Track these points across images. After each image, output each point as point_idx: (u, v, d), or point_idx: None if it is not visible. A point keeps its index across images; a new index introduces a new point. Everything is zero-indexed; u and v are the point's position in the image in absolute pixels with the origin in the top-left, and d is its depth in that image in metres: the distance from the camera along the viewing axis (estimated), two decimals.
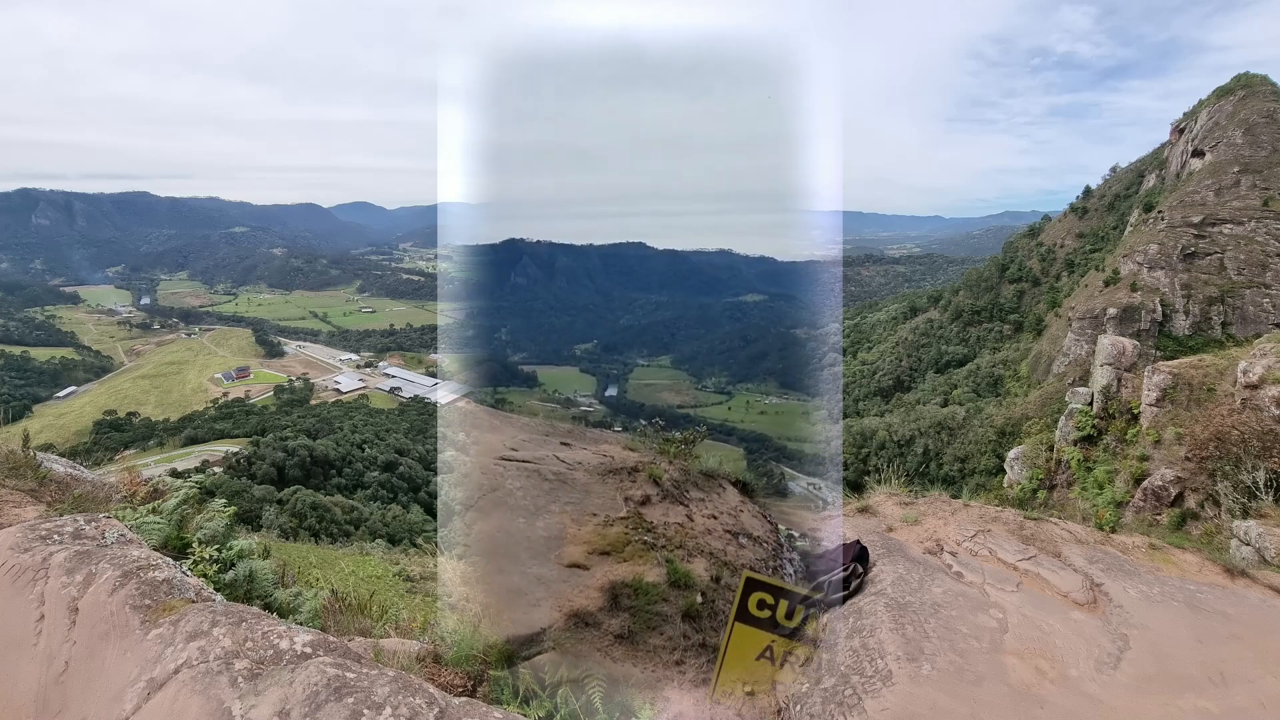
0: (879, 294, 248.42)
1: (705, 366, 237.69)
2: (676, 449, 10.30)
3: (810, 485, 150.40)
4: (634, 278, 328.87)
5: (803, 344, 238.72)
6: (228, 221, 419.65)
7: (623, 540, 7.41)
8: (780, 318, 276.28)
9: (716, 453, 11.76)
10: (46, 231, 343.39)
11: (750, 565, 8.54)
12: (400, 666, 4.55)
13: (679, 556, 7.50)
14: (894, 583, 6.33)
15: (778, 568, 9.20)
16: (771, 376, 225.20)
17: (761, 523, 9.78)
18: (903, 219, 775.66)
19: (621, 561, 7.02)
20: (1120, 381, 23.85)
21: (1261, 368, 15.07)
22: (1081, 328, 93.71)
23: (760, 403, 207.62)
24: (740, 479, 10.63)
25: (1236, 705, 4.87)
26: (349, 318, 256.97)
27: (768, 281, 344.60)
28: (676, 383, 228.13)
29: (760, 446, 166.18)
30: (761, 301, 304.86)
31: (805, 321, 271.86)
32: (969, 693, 4.74)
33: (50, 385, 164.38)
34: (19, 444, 7.18)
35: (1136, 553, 7.59)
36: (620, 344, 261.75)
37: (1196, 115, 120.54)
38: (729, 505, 9.62)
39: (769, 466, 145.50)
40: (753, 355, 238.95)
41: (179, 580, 4.20)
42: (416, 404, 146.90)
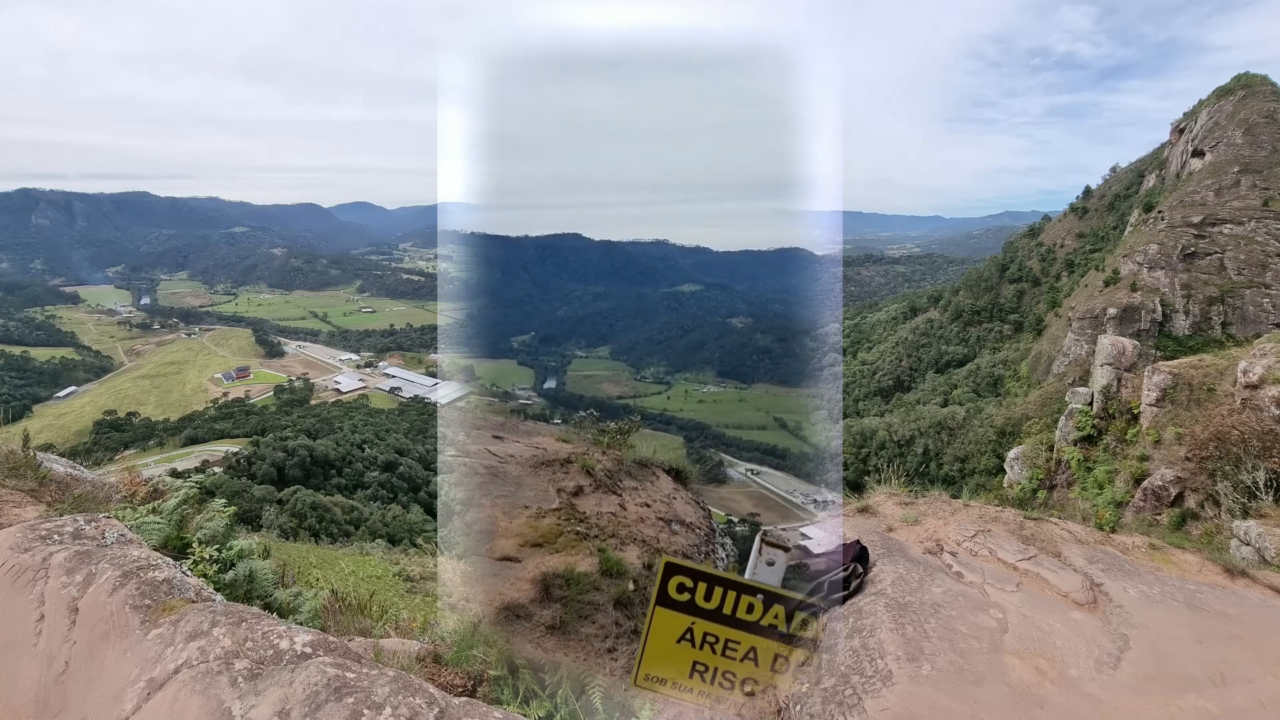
0: (879, 294, 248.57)
1: (644, 357, 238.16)
2: (611, 439, 10.35)
3: (749, 472, 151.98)
4: (570, 269, 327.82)
5: (740, 332, 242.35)
6: (228, 221, 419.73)
7: (555, 531, 7.45)
8: (716, 307, 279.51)
9: (654, 442, 11.87)
10: (46, 231, 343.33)
11: (683, 551, 8.62)
12: (400, 666, 4.55)
13: (612, 545, 7.55)
14: (894, 583, 6.34)
15: (710, 552, 9.26)
16: (709, 365, 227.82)
17: (694, 509, 9.86)
18: (903, 219, 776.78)
19: (554, 553, 7.06)
20: (1120, 381, 23.85)
21: (1261, 368, 15.07)
22: (1081, 328, 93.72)
23: (699, 391, 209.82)
24: (674, 467, 10.71)
25: (1236, 705, 4.87)
26: (349, 318, 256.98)
27: (704, 271, 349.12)
28: (615, 373, 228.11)
29: (699, 434, 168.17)
30: (698, 291, 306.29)
31: (741, 310, 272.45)
32: (969, 693, 4.74)
33: (50, 385, 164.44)
34: (19, 444, 7.18)
35: (1136, 553, 7.59)
36: (558, 336, 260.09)
37: (1196, 115, 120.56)
38: (662, 493, 9.70)
39: (708, 454, 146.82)
40: (690, 345, 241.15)
41: (179, 580, 4.20)
42: (416, 404, 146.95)
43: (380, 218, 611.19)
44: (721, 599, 3.48)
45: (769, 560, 3.58)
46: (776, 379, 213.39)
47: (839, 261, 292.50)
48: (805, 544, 31.45)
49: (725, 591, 3.47)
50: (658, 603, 3.47)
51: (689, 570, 3.43)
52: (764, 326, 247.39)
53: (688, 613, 3.49)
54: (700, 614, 3.48)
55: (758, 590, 3.49)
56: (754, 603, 3.48)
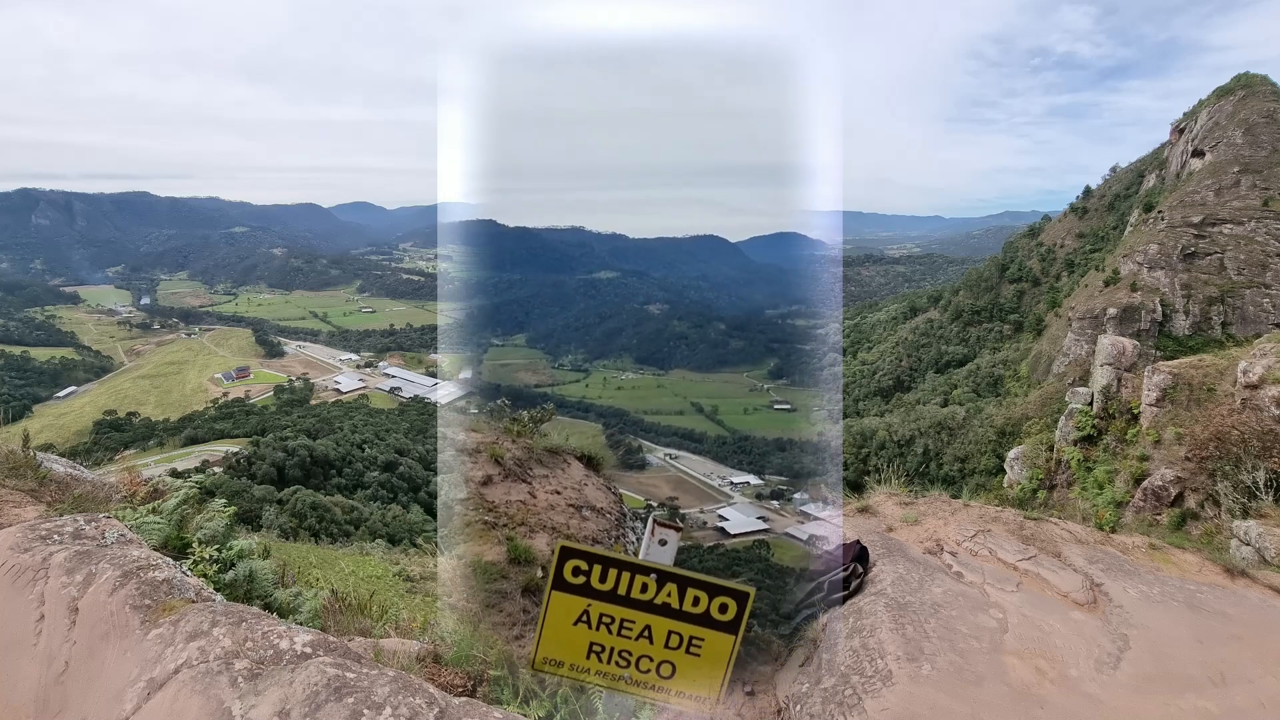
0: (879, 294, 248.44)
1: (561, 345, 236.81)
2: (522, 428, 10.36)
3: (667, 456, 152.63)
4: (485, 257, 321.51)
5: (657, 319, 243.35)
6: (228, 221, 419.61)
7: (462, 522, 7.49)
8: (633, 294, 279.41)
9: (572, 430, 11.91)
10: (46, 231, 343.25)
11: (593, 536, 8.68)
12: (400, 666, 4.55)
13: (520, 534, 7.58)
14: (894, 583, 6.34)
15: (621, 536, 9.30)
16: (627, 352, 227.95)
17: (606, 494, 9.91)
18: (903, 219, 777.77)
19: (460, 543, 7.09)
20: (1120, 381, 23.85)
21: (1261, 368, 15.07)
22: (1081, 328, 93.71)
23: (617, 378, 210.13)
24: (586, 454, 10.72)
25: (1236, 705, 4.87)
26: (349, 318, 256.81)
27: (620, 258, 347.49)
28: (532, 362, 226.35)
29: (618, 421, 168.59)
30: (615, 278, 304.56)
31: (658, 297, 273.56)
32: (969, 693, 4.74)
33: (50, 385, 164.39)
34: (19, 444, 7.18)
35: (1136, 553, 7.59)
36: (473, 324, 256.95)
37: (1196, 115, 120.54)
38: (573, 480, 9.75)
39: (626, 440, 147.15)
40: (608, 332, 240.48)
41: (179, 580, 4.20)
42: (416, 404, 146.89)
43: (380, 218, 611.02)
44: (616, 580, 3.56)
45: (661, 540, 3.66)
46: (693, 365, 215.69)
47: (839, 261, 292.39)
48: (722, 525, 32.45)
49: (620, 573, 3.55)
50: (554, 587, 3.56)
51: (584, 553, 3.51)
52: (681, 313, 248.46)
53: (583, 595, 3.58)
54: (595, 596, 3.58)
55: (651, 570, 3.57)
56: (648, 582, 3.57)
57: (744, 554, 78.50)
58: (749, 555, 76.97)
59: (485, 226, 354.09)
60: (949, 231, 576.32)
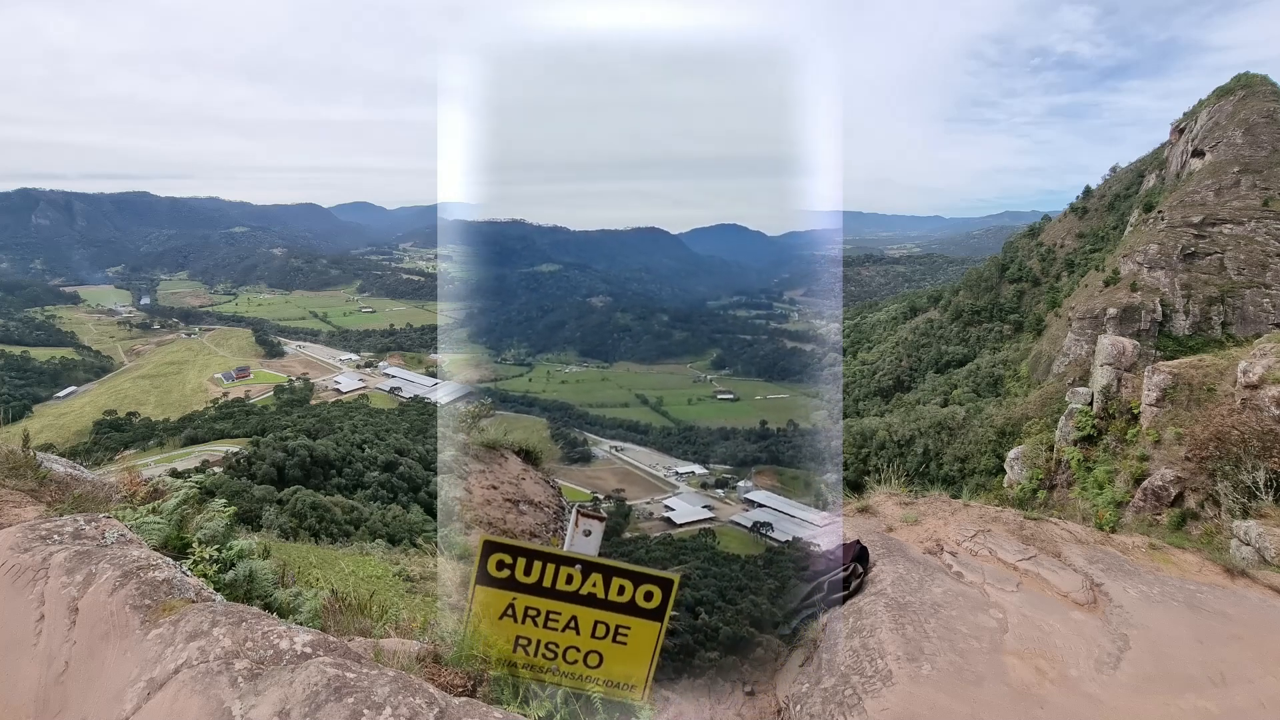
0: (879, 294, 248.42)
1: (503, 339, 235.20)
2: (459, 424, 10.35)
3: (613, 449, 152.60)
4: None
5: (600, 311, 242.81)
6: (228, 221, 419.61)
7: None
8: (576, 287, 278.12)
9: (517, 425, 11.88)
10: (46, 231, 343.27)
11: (530, 530, 8.70)
12: (400, 666, 4.55)
13: (456, 530, 7.56)
14: (894, 583, 6.33)
15: (558, 529, 9.31)
16: (571, 345, 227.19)
17: (544, 488, 9.93)
18: (903, 219, 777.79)
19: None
20: (1120, 381, 23.85)
21: (1261, 368, 15.07)
22: (1081, 328, 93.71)
23: (561, 372, 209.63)
24: (524, 448, 10.70)
25: (1236, 705, 4.87)
26: (349, 318, 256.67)
27: (561, 251, 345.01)
28: (474, 357, 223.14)
29: (563, 415, 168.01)
30: (557, 271, 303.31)
31: (600, 290, 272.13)
32: (969, 693, 4.74)
33: (50, 385, 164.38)
34: (19, 444, 7.18)
35: (1136, 553, 7.59)
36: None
37: (1196, 115, 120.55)
38: (511, 474, 9.76)
39: (571, 433, 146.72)
40: (551, 325, 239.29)
41: (179, 580, 4.20)
42: (416, 404, 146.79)
43: (380, 218, 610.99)
44: (541, 572, 3.57)
45: (585, 530, 3.68)
46: (638, 357, 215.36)
47: (839, 261, 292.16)
48: (668, 515, 32.42)
49: (544, 565, 3.57)
50: (478, 581, 3.57)
51: (507, 547, 3.53)
52: (624, 305, 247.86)
53: (508, 589, 3.60)
54: (520, 589, 3.60)
55: (576, 561, 3.58)
56: (573, 573, 3.59)
57: (690, 543, 78.88)
58: (695, 544, 77.33)
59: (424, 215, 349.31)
60: (949, 231, 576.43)
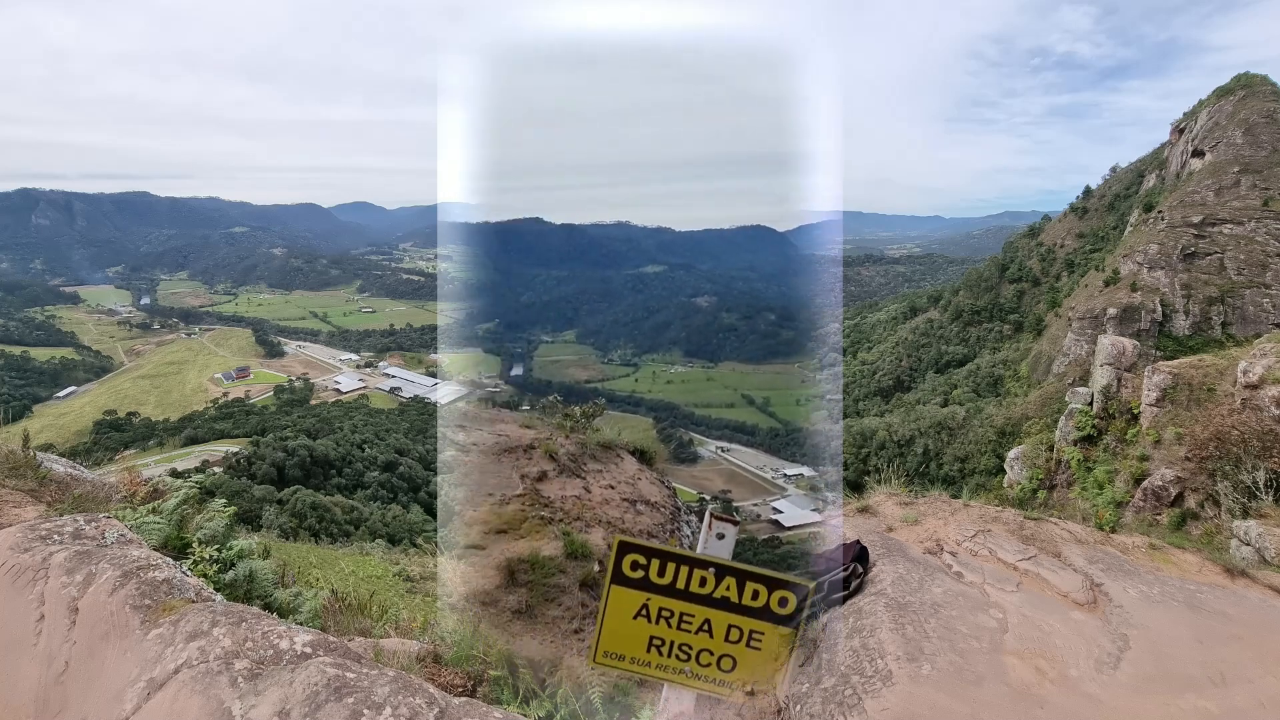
0: (879, 294, 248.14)
1: (610, 339, 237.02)
2: (575, 423, 10.36)
3: (719, 450, 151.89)
4: (533, 254, 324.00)
5: (705, 311, 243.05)
6: (228, 221, 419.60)
7: (519, 517, 7.47)
8: (681, 287, 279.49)
9: (623, 424, 11.92)
10: (46, 231, 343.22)
11: (648, 530, 8.64)
12: (400, 666, 4.55)
13: (576, 528, 7.56)
14: (894, 583, 6.33)
15: (675, 530, 9.27)
16: (676, 345, 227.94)
17: (659, 488, 9.88)
18: (903, 219, 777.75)
19: (518, 538, 7.08)
20: (1120, 381, 23.85)
21: (1261, 368, 15.07)
22: (1081, 328, 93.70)
23: (666, 372, 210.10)
24: (639, 448, 10.71)
25: (1236, 705, 4.87)
26: (349, 318, 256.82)
27: (666, 251, 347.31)
28: (582, 358, 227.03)
29: (668, 415, 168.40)
30: (662, 272, 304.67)
31: (706, 289, 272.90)
32: (969, 693, 4.74)
33: (50, 385, 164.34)
34: (19, 444, 7.18)
35: (1136, 553, 7.59)
36: (523, 322, 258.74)
37: (1196, 115, 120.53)
38: (627, 474, 9.72)
39: (677, 433, 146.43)
40: (657, 325, 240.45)
41: (179, 580, 4.20)
42: (416, 404, 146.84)
43: (380, 218, 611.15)
44: (675, 574, 3.56)
45: (719, 534, 3.66)
46: (743, 356, 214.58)
47: (839, 261, 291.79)
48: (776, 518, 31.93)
49: (678, 567, 3.56)
50: (613, 581, 3.56)
51: (642, 548, 3.51)
52: (729, 304, 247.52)
53: (642, 589, 3.59)
54: (654, 590, 3.58)
55: (709, 564, 3.57)
56: (706, 576, 3.58)
57: (798, 547, 78.38)
58: (803, 549, 76.59)
59: (531, 224, 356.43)
60: (949, 231, 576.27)
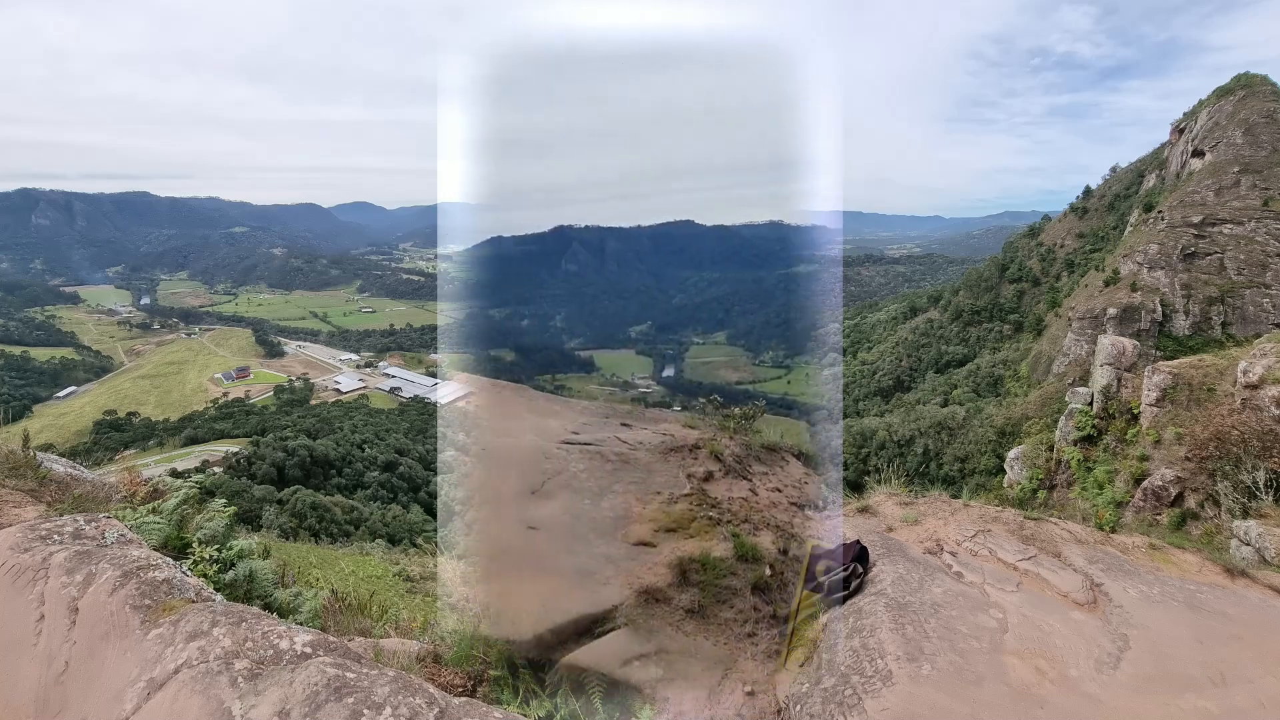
0: (879, 294, 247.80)
1: (761, 341, 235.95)
2: (736, 424, 10.29)
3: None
4: (685, 256, 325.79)
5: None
6: (228, 221, 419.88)
7: (688, 517, 7.43)
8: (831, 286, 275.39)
9: (778, 426, 11.79)
10: (46, 231, 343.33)
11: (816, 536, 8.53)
12: (400, 666, 4.55)
13: (745, 530, 7.50)
14: (894, 583, 6.33)
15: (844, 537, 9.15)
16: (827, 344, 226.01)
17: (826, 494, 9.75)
18: (903, 219, 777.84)
19: (688, 538, 7.04)
20: (1120, 381, 23.84)
21: (1261, 368, 15.06)
22: (1081, 328, 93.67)
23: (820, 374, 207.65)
24: (803, 451, 10.58)
25: (1236, 705, 4.86)
26: (349, 318, 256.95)
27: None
28: (733, 359, 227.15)
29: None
30: (815, 271, 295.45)
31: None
32: (969, 693, 4.74)
33: (50, 385, 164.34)
34: (19, 444, 7.18)
35: (1136, 553, 7.59)
36: (674, 323, 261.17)
37: (1196, 115, 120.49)
38: (793, 478, 9.62)
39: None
40: (809, 327, 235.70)
41: (179, 580, 4.20)
42: (416, 404, 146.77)
43: (380, 218, 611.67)
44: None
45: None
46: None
47: (839, 261, 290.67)
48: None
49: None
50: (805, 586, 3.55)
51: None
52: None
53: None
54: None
55: None
56: None
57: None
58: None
59: (683, 227, 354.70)
60: (949, 231, 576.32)
